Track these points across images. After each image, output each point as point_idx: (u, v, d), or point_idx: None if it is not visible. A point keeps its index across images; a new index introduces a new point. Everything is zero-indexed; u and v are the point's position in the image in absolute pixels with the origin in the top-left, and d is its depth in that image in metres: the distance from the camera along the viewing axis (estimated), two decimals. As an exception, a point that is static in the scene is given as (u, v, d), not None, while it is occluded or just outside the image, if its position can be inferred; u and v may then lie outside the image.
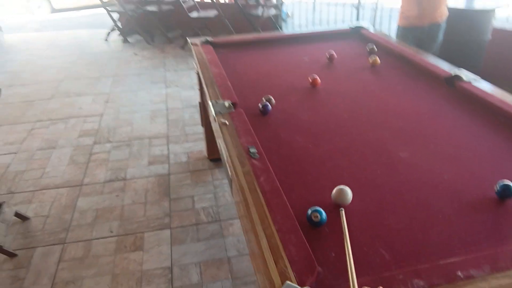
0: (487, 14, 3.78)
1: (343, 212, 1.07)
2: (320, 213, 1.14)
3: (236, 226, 2.38)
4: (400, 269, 0.97)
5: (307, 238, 1.06)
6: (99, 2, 6.24)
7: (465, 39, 3.80)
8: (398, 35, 3.30)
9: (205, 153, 3.11)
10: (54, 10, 10.01)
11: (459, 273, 0.93)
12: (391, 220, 1.17)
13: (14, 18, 9.05)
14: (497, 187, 1.23)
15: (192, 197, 2.65)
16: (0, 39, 6.91)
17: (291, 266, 0.97)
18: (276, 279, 0.95)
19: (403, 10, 3.20)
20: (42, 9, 10.01)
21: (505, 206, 1.20)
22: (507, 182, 1.22)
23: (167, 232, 2.37)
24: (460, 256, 0.99)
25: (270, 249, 1.03)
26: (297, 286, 0.91)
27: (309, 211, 1.15)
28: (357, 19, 5.20)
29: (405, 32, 3.20)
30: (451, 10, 3.69)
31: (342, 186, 1.23)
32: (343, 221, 1.04)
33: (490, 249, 1.02)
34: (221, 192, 2.68)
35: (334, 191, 1.23)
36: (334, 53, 2.42)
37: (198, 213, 2.51)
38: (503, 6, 3.77)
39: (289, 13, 6.88)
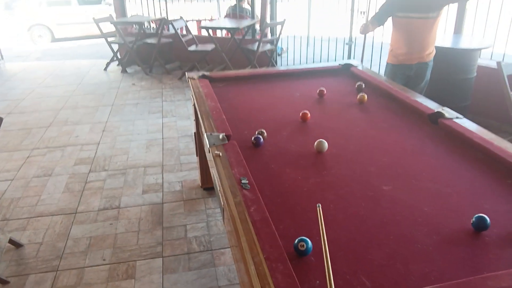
0: (473, 53, 3.97)
1: (320, 208, 1.17)
2: (306, 242, 1.20)
3: (228, 256, 2.42)
4: (379, 297, 1.03)
5: (293, 267, 1.12)
6: (99, 33, 6.43)
7: (453, 77, 3.96)
8: (386, 72, 3.45)
9: (199, 182, 3.18)
10: (55, 40, 10.26)
11: (434, 301, 1.00)
12: (373, 250, 1.23)
13: (16, 47, 9.25)
14: (473, 219, 1.31)
15: (184, 226, 2.70)
16: (1, 68, 7.06)
17: (277, 293, 1.03)
18: (263, 304, 1.00)
19: (392, 48, 3.35)
20: (43, 39, 10.26)
21: (481, 237, 1.28)
22: (482, 215, 1.30)
23: (159, 261, 2.40)
24: (436, 285, 1.05)
25: (258, 276, 1.09)
26: (282, 311, 0.97)
27: (296, 241, 1.21)
28: (349, 55, 5.40)
29: (393, 69, 3.35)
30: (438, 49, 3.87)
31: (321, 139, 1.82)
32: (320, 216, 1.14)
33: (464, 278, 1.08)
34: (214, 221, 2.73)
35: (315, 143, 1.81)
36: (324, 90, 2.54)
37: (190, 242, 2.55)
38: (488, 47, 3.96)
39: (284, 48, 7.12)
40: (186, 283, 2.23)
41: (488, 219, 1.29)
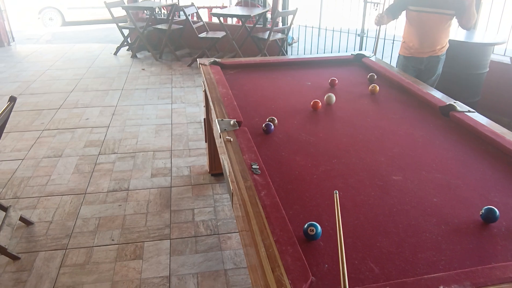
0: (486, 47, 3.92)
1: (337, 195, 1.18)
2: (316, 227, 1.22)
3: (234, 240, 2.45)
4: (387, 282, 1.05)
5: (303, 250, 1.14)
6: (110, 18, 6.43)
7: (464, 71, 3.93)
8: (398, 64, 3.43)
9: (207, 168, 3.20)
10: (65, 23, 10.27)
11: (442, 287, 1.01)
12: (382, 238, 1.25)
13: (27, 29, 9.28)
14: (482, 211, 1.32)
15: (192, 210, 2.73)
16: (12, 50, 7.10)
17: (286, 274, 1.05)
18: (273, 285, 1.03)
19: (404, 40, 3.34)
20: (54, 22, 10.27)
21: (489, 229, 1.29)
22: (491, 207, 1.31)
23: (166, 243, 2.44)
24: (444, 273, 1.07)
25: (268, 258, 1.11)
26: (291, 292, 0.99)
27: (306, 225, 1.23)
28: (360, 47, 5.36)
29: (405, 61, 3.34)
30: (451, 42, 3.84)
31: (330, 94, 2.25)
32: (337, 203, 1.15)
33: (472, 267, 1.09)
34: (221, 207, 2.76)
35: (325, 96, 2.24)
36: (336, 80, 2.53)
37: (197, 225, 2.59)
38: (502, 42, 3.92)
39: (295, 38, 7.08)
40: (193, 265, 2.26)
41: (497, 211, 1.30)
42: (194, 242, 2.45)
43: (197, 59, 2.99)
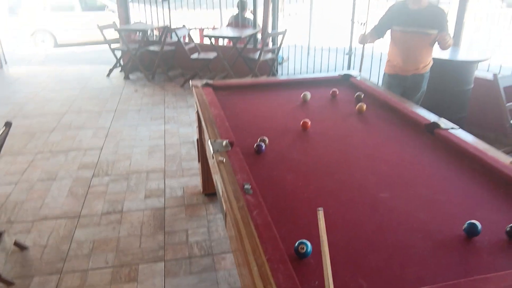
0: (470, 65, 4.05)
1: (321, 212, 1.17)
2: (306, 245, 1.26)
3: (228, 260, 2.47)
4: (375, 297, 1.09)
5: (294, 268, 1.18)
6: (102, 39, 6.52)
7: (450, 88, 4.04)
8: (384, 81, 3.53)
9: (200, 188, 3.23)
10: (57, 45, 10.36)
11: (427, 301, 1.06)
12: (370, 254, 1.30)
13: (19, 51, 9.34)
14: (464, 225, 1.37)
15: (186, 231, 2.75)
16: (5, 72, 7.14)
17: (278, 292, 1.09)
18: (265, 303, 1.06)
19: (389, 59, 3.45)
20: (46, 44, 10.36)
21: (472, 243, 1.34)
22: (473, 221, 1.36)
23: (161, 265, 2.45)
24: (429, 286, 1.11)
25: (260, 276, 1.15)
26: (283, 309, 1.03)
27: (297, 244, 1.27)
28: (349, 65, 5.49)
29: (390, 79, 3.44)
30: (436, 60, 3.96)
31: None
32: (320, 221, 1.14)
33: (455, 280, 1.14)
34: (214, 227, 2.79)
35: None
36: (337, 90, 2.75)
37: (191, 246, 2.61)
38: (485, 60, 4.05)
39: (285, 58, 7.22)
40: (188, 287, 2.28)
41: (479, 225, 1.36)
42: (188, 264, 2.47)
43: (190, 81, 3.06)
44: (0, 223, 2.86)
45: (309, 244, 1.27)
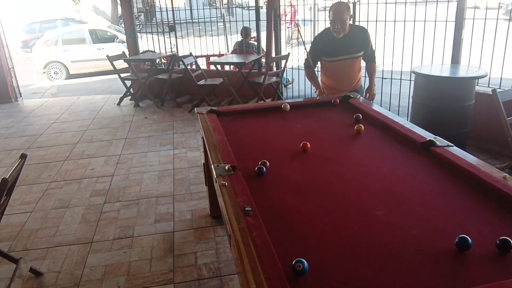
0: (470, 81, 4.12)
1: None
2: (303, 263, 1.33)
3: (236, 282, 2.53)
4: (366, 309, 1.15)
5: (291, 285, 1.26)
6: (112, 69, 6.76)
7: (452, 104, 4.10)
8: None
9: (208, 210, 3.32)
10: (70, 76, 10.72)
11: (415, 313, 1.12)
12: (364, 269, 1.36)
13: (33, 84, 9.68)
14: (456, 239, 1.43)
15: (195, 253, 2.83)
16: (19, 105, 7.41)
17: (275, 307, 1.16)
18: (262, 318, 1.14)
19: (323, 85, 3.55)
20: (59, 75, 10.73)
21: (463, 257, 1.39)
22: (464, 235, 1.42)
23: (170, 287, 2.52)
24: (418, 299, 1.18)
25: (258, 293, 1.23)
26: (279, 323, 1.10)
27: (294, 262, 1.35)
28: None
29: None
30: (436, 78, 4.05)
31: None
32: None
33: (444, 293, 1.20)
34: (222, 248, 2.86)
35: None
36: (338, 100, 3.05)
37: (200, 268, 2.68)
38: (484, 76, 4.12)
39: (290, 80, 7.36)
40: (197, 308, 2.34)
41: (469, 239, 1.42)
42: (198, 286, 2.53)
43: (195, 108, 3.18)
44: (17, 250, 2.97)
45: (305, 262, 1.34)
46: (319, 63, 3.59)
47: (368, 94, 3.49)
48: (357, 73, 3.54)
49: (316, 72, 3.63)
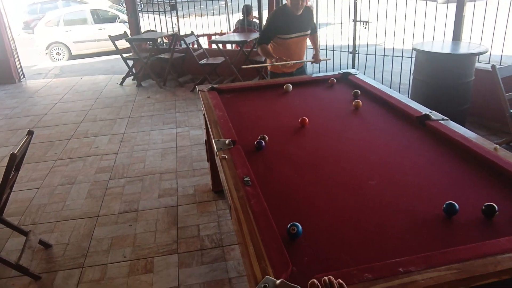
0: (470, 57, 4.13)
1: None
2: (297, 226, 1.41)
3: (237, 251, 2.63)
4: (355, 267, 1.24)
5: (286, 247, 1.34)
6: (114, 49, 6.78)
7: (452, 81, 4.12)
8: (271, 78, 3.72)
9: (210, 186, 3.41)
10: (72, 57, 10.72)
11: (400, 269, 1.20)
12: (355, 234, 1.44)
13: (36, 65, 9.71)
14: (444, 206, 1.50)
15: (197, 226, 2.93)
16: (23, 86, 7.46)
17: (270, 265, 1.24)
18: (258, 274, 1.22)
19: (276, 60, 3.51)
20: (61, 56, 10.73)
21: (450, 222, 1.47)
22: (452, 202, 1.50)
23: (174, 257, 2.63)
24: (404, 258, 1.25)
25: (255, 253, 1.31)
26: (274, 279, 1.18)
27: (289, 225, 1.43)
28: (353, 63, 5.61)
29: (277, 76, 3.63)
30: (438, 55, 4.06)
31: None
32: None
33: (428, 253, 1.28)
34: (224, 221, 2.95)
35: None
36: (335, 79, 3.13)
37: (202, 240, 2.78)
38: (485, 52, 4.12)
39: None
40: (200, 276, 2.45)
41: (457, 205, 1.49)
42: (200, 255, 2.64)
43: (196, 86, 3.23)
44: (26, 224, 3.08)
45: (299, 225, 1.42)
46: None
47: (314, 59, 3.74)
48: (305, 49, 3.76)
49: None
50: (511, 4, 4.09)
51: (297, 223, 1.42)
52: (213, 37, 7.37)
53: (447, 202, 1.50)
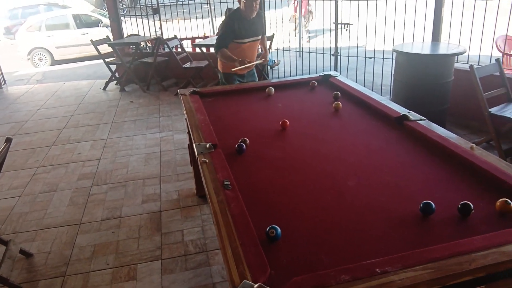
0: (449, 58, 4.20)
1: None
2: (276, 229, 1.42)
3: (221, 256, 2.62)
4: (332, 269, 1.24)
5: (265, 250, 1.34)
6: (97, 54, 6.72)
7: (432, 81, 4.18)
8: (225, 78, 3.73)
9: (194, 190, 3.39)
10: (54, 62, 10.58)
11: (377, 270, 1.21)
12: (334, 235, 1.45)
13: (17, 71, 9.55)
14: (420, 205, 1.52)
15: (181, 231, 2.91)
16: (4, 92, 7.34)
17: (248, 269, 1.24)
18: (236, 279, 1.22)
19: (228, 63, 3.56)
20: (44, 61, 10.59)
21: (427, 220, 1.49)
22: (428, 201, 1.52)
23: (158, 263, 2.61)
24: (381, 258, 1.27)
25: (233, 257, 1.31)
26: (252, 283, 1.18)
27: (268, 228, 1.43)
28: (335, 65, 5.65)
29: (229, 76, 3.68)
30: (417, 56, 4.12)
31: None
32: None
33: (405, 252, 1.29)
34: (208, 226, 2.94)
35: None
36: (315, 82, 3.16)
37: (186, 245, 2.76)
38: (463, 52, 4.20)
39: (277, 61, 7.38)
40: (183, 282, 2.43)
41: (433, 204, 1.51)
42: (184, 261, 2.62)
43: (178, 90, 3.22)
44: (6, 234, 3.02)
45: (278, 229, 1.42)
46: None
47: (263, 59, 3.78)
48: (256, 53, 3.80)
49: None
50: (487, 4, 4.17)
51: (276, 226, 1.43)
52: (197, 41, 7.35)
53: (424, 201, 1.53)
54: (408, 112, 2.38)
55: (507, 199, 1.49)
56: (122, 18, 7.49)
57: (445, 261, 1.23)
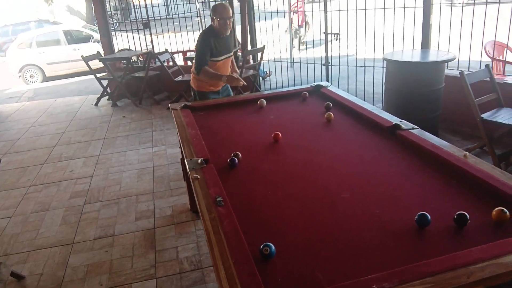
0: (439, 65, 4.23)
1: None
2: (270, 247, 1.39)
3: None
4: (328, 286, 1.21)
5: (259, 268, 1.31)
6: (88, 70, 6.69)
7: (423, 88, 4.19)
8: (199, 97, 3.65)
9: (188, 205, 3.35)
10: (46, 79, 10.54)
11: (374, 286, 1.18)
12: (329, 250, 1.42)
13: (9, 88, 9.50)
14: (416, 217, 1.50)
15: (176, 248, 2.87)
16: (-5, 110, 7.28)
17: (242, 290, 1.21)
18: (230, 300, 1.19)
19: (204, 80, 3.55)
20: (35, 78, 10.54)
21: (423, 232, 1.47)
22: (424, 212, 1.50)
23: (152, 282, 2.56)
24: (377, 274, 1.24)
25: (227, 278, 1.28)
26: (245, 304, 1.15)
27: (261, 246, 1.40)
28: (326, 75, 5.67)
29: (204, 94, 3.63)
30: (407, 63, 4.14)
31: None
32: None
33: (402, 267, 1.27)
34: (203, 241, 2.90)
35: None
36: (307, 93, 3.16)
37: (181, 262, 2.72)
38: (453, 59, 4.22)
39: (268, 72, 7.40)
40: (179, 300, 2.39)
41: (429, 216, 1.49)
42: (179, 279, 2.57)
43: (169, 104, 3.20)
44: (-3, 256, 2.96)
45: (272, 246, 1.40)
46: None
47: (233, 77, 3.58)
48: (229, 69, 3.77)
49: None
50: (474, 10, 4.21)
51: (270, 244, 1.40)
52: (188, 54, 7.36)
53: (419, 213, 1.51)
54: (400, 121, 2.37)
55: (503, 208, 1.47)
56: (113, 32, 7.50)
57: (443, 274, 1.21)
